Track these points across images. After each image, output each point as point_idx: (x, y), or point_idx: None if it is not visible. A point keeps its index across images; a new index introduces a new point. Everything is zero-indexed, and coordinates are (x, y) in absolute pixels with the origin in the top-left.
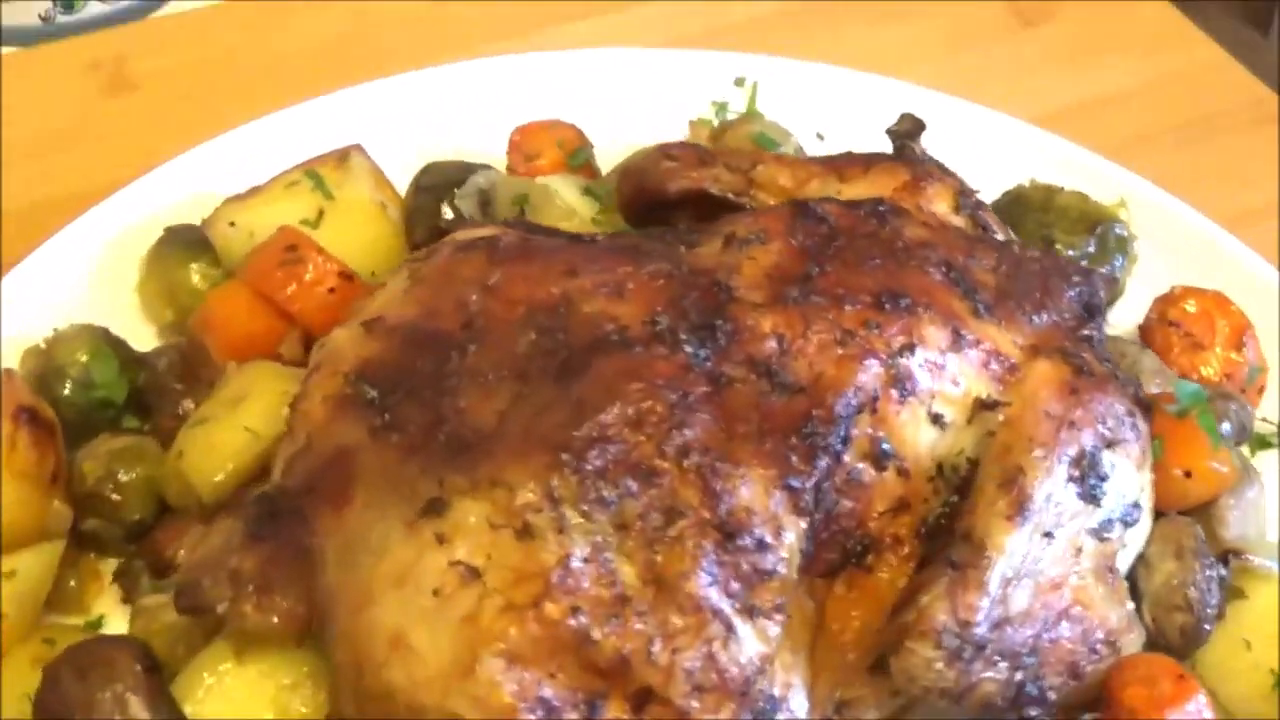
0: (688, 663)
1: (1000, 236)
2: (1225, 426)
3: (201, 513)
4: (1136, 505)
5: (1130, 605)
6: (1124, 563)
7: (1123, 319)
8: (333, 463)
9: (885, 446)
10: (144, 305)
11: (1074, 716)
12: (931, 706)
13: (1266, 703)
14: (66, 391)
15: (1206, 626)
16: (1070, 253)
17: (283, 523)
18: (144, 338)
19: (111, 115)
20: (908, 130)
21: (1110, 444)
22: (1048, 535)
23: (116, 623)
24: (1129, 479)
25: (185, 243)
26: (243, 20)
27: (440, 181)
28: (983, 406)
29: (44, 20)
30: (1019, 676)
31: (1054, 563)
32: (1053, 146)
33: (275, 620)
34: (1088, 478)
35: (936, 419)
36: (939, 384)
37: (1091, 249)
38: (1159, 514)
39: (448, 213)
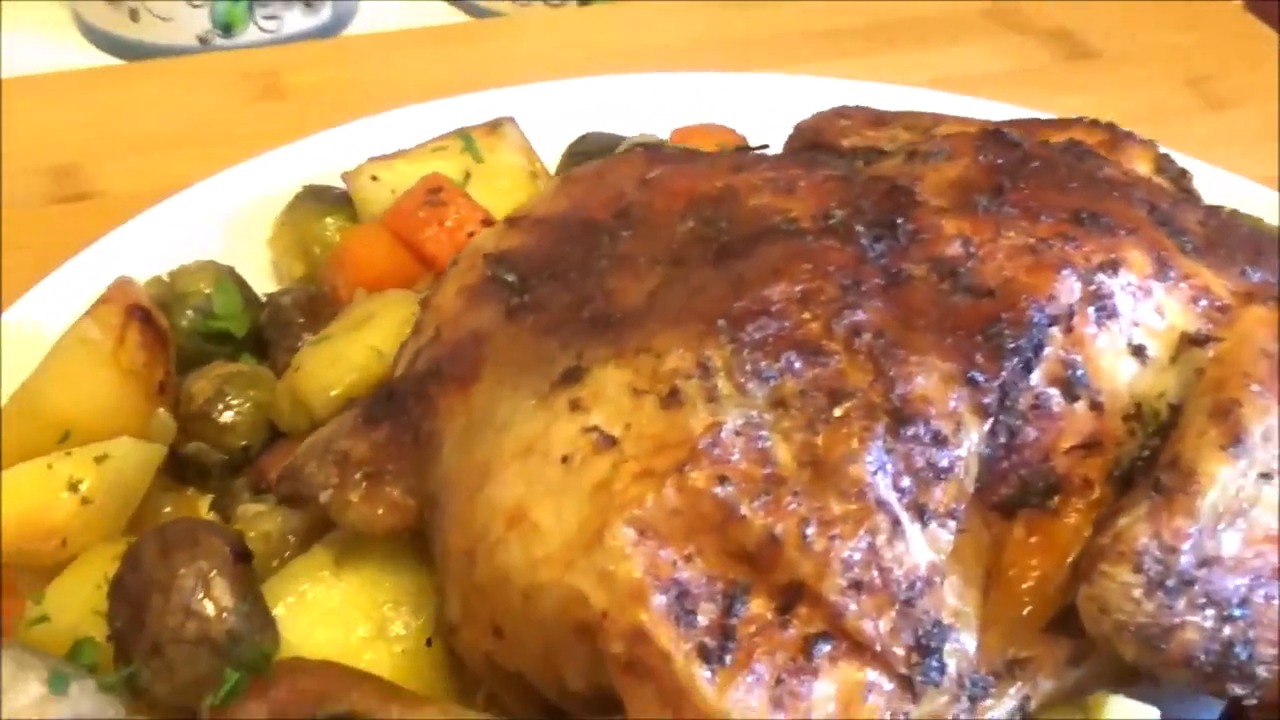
0: (846, 553)
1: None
2: None
3: None
4: None
5: None
6: None
7: None
8: (462, 346)
9: (1079, 373)
10: (275, 260)
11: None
12: (1114, 671)
13: None
14: (185, 321)
15: None
16: None
17: (402, 405)
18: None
19: (258, 117)
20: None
21: None
22: (1265, 477)
23: None
24: None
25: (323, 198)
26: (395, 44)
27: (595, 149)
28: (1191, 342)
29: (202, 42)
30: (1227, 632)
31: (1269, 509)
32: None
33: (381, 512)
34: None
35: (1138, 351)
36: (1142, 312)
37: None
38: None
39: None
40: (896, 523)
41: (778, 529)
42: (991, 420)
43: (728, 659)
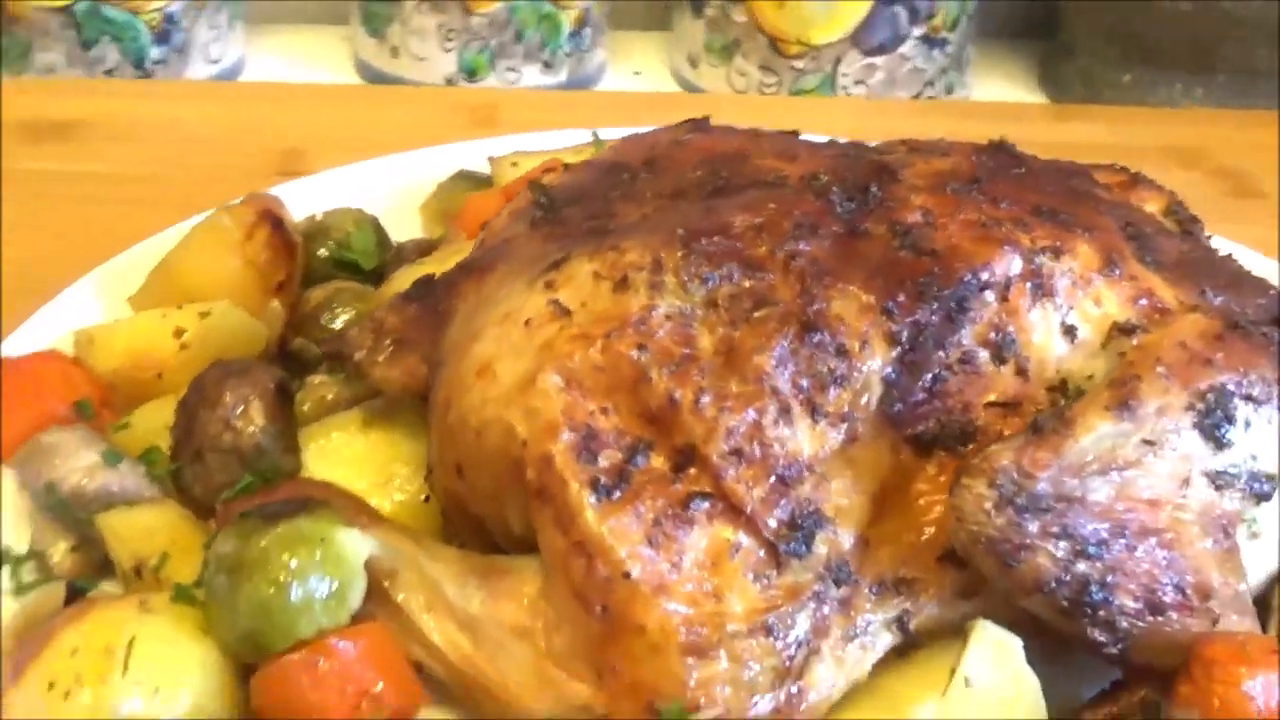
0: (733, 422)
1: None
2: None
3: None
4: (1270, 479)
5: (1243, 587)
6: (1251, 552)
7: None
8: (492, 248)
9: (1009, 340)
10: (424, 225)
11: (1148, 688)
12: (1005, 614)
13: None
14: (324, 250)
15: None
16: None
17: (433, 289)
18: None
19: (464, 138)
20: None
21: (1249, 398)
22: (1150, 444)
23: None
24: (1265, 445)
25: (471, 179)
26: (612, 103)
27: None
28: (1120, 331)
29: (448, 83)
30: (1082, 569)
31: (1153, 478)
32: None
33: (398, 374)
34: (1213, 414)
35: (1069, 331)
36: (1079, 297)
37: None
38: None
39: None
40: (786, 410)
41: (677, 394)
42: (899, 350)
43: (615, 495)
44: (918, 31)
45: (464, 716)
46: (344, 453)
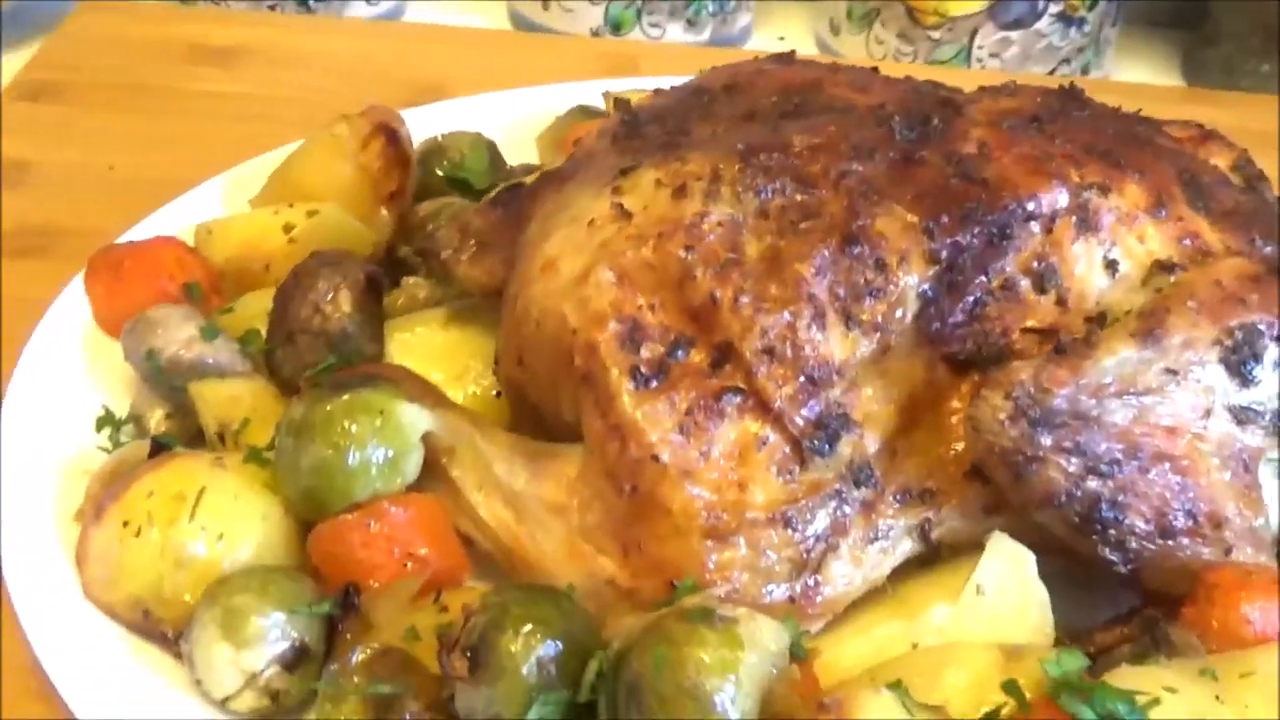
0: (768, 322)
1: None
2: None
3: None
4: None
5: (1261, 522)
6: (1270, 487)
7: None
8: (576, 160)
9: (1051, 269)
10: (540, 153)
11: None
12: (1026, 532)
13: None
14: (440, 168)
15: None
16: None
17: (518, 196)
18: None
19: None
20: None
21: None
22: (1172, 373)
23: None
24: None
25: (588, 112)
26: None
27: None
28: (1161, 268)
29: (593, 34)
30: (1092, 485)
31: (1173, 407)
32: None
33: (478, 273)
34: (1240, 351)
35: (1111, 265)
36: (1124, 234)
37: None
38: None
39: None
40: (821, 316)
41: (718, 293)
42: (937, 268)
43: (653, 384)
44: (1055, 8)
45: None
46: (425, 345)
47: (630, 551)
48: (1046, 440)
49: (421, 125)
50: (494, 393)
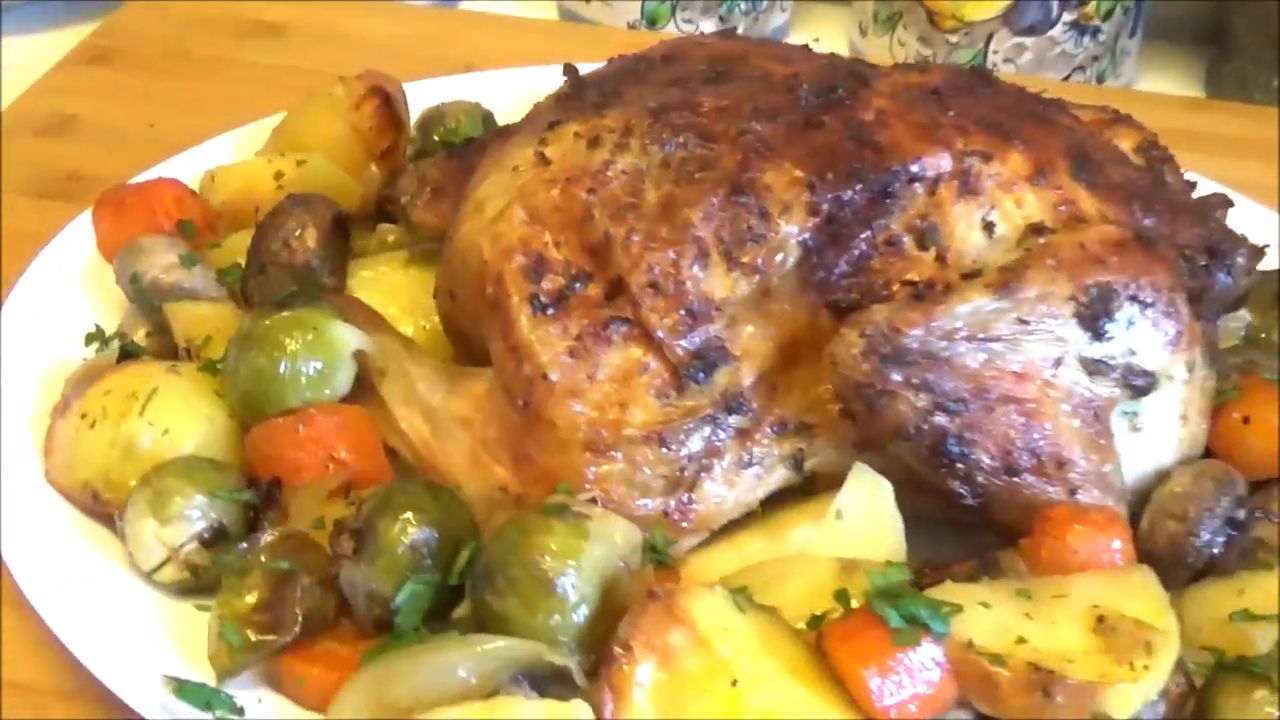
0: (654, 259)
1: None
2: None
3: None
4: (1147, 375)
5: (1110, 468)
6: (1135, 444)
7: None
8: (525, 118)
9: (933, 228)
10: None
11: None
12: (896, 468)
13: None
14: (437, 134)
15: (1199, 546)
16: None
17: (470, 149)
18: None
19: None
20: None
21: (1136, 300)
22: (1024, 323)
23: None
24: (1147, 344)
25: None
26: None
27: None
28: (1033, 230)
29: (630, 27)
30: (940, 421)
31: (1023, 355)
32: None
33: (430, 217)
34: (1094, 307)
35: (989, 226)
36: (1002, 198)
37: None
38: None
39: None
40: (704, 256)
41: (612, 231)
42: (817, 220)
43: (550, 311)
44: (1068, 17)
45: None
46: (384, 282)
47: (521, 462)
48: (896, 376)
49: (433, 95)
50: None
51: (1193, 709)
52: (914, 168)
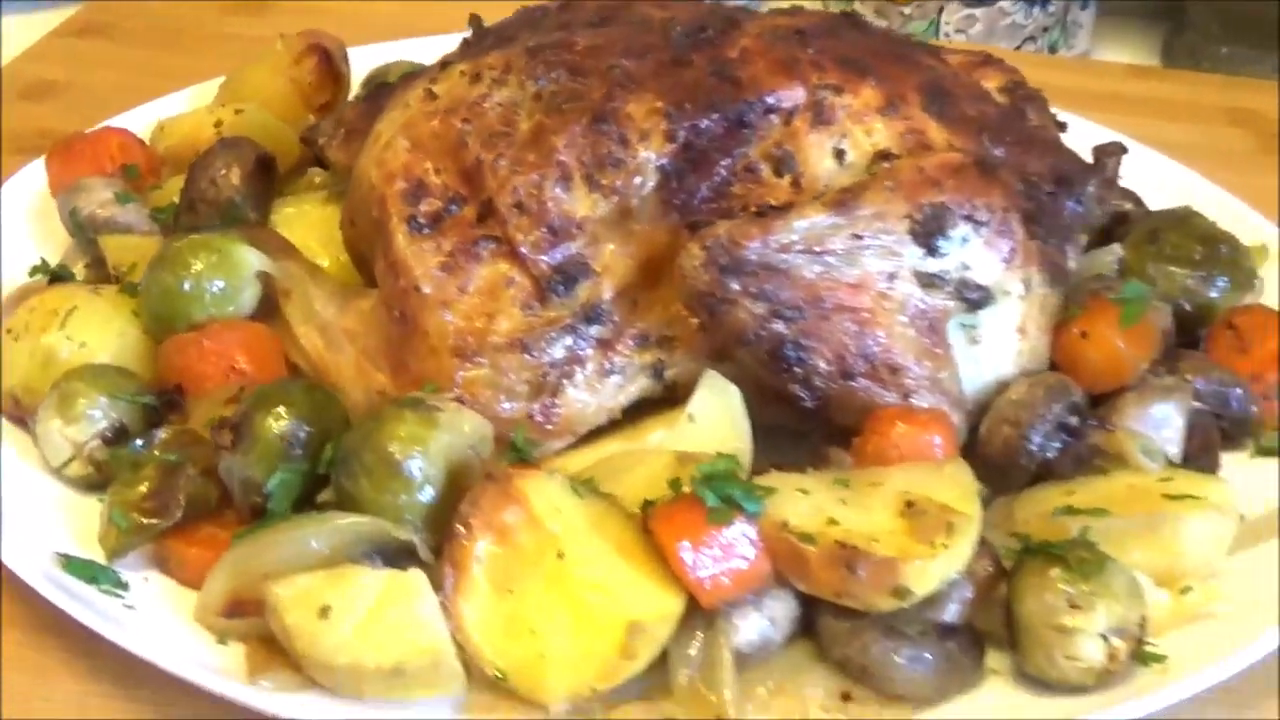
0: (520, 181)
1: (1034, 122)
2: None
3: None
4: (981, 289)
5: (945, 375)
6: (973, 355)
7: None
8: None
9: (788, 156)
10: None
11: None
12: (747, 377)
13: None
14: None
15: (1031, 450)
16: (1172, 252)
17: (382, 93)
18: None
19: None
20: (1113, 150)
21: (970, 219)
22: (859, 238)
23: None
24: (981, 260)
25: None
26: None
27: None
28: (881, 157)
29: None
30: (777, 327)
31: (858, 268)
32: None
33: (344, 156)
34: (928, 225)
35: (840, 154)
36: (853, 128)
37: (1197, 256)
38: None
39: None
40: (567, 179)
41: (483, 156)
42: (674, 147)
43: (425, 231)
44: None
45: None
46: (304, 217)
47: (398, 368)
48: (735, 285)
49: (388, 58)
50: None
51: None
52: (770, 99)
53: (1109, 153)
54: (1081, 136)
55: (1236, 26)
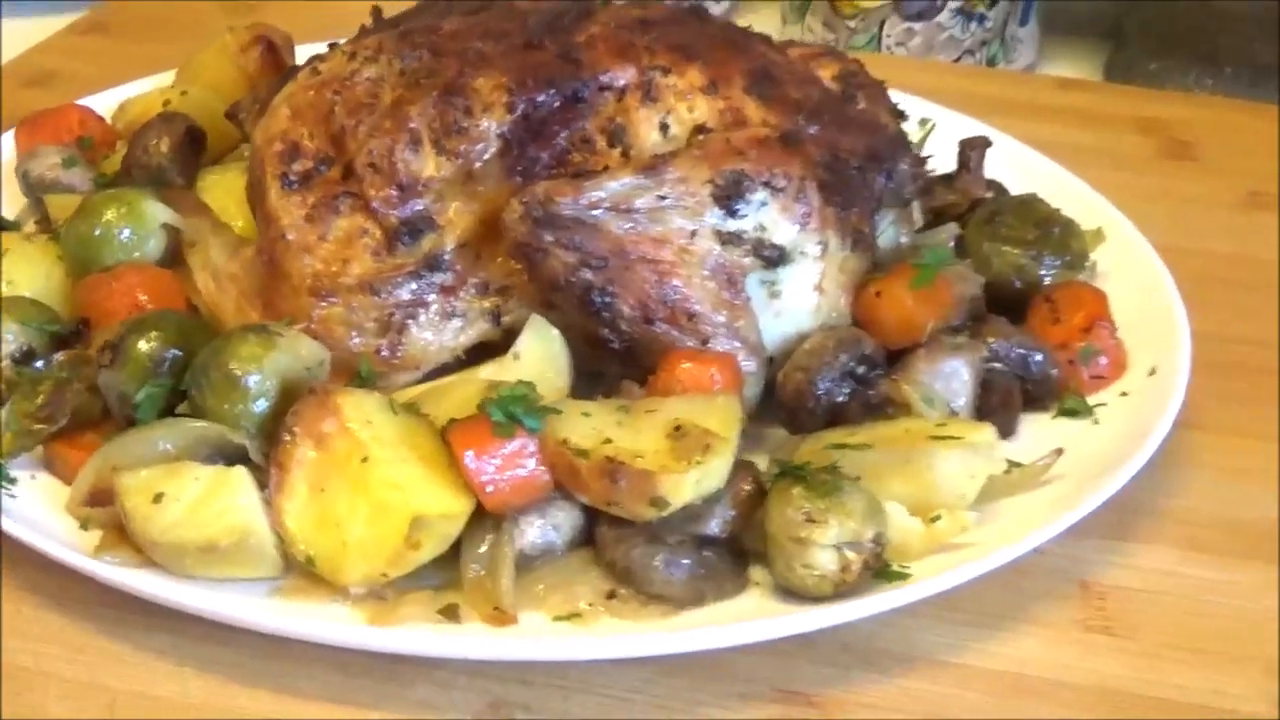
0: (375, 145)
1: (862, 106)
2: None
3: None
4: (776, 248)
5: (742, 324)
6: (774, 308)
7: None
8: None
9: (620, 129)
10: None
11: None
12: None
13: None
14: None
15: (819, 395)
16: (1006, 233)
17: (292, 72)
18: None
19: None
20: (978, 143)
21: (768, 185)
22: (663, 199)
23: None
24: (777, 222)
25: None
26: None
27: None
28: (699, 131)
29: None
30: (586, 275)
31: (662, 224)
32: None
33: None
34: (729, 189)
35: (664, 128)
36: (677, 105)
37: (1030, 236)
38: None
39: None
40: (417, 143)
41: (347, 123)
42: (514, 118)
43: (294, 185)
44: (954, 4)
45: None
46: (226, 183)
47: (268, 307)
48: (548, 237)
49: None
50: None
51: None
52: (604, 79)
53: (974, 145)
54: (1002, 144)
55: (1165, 43)
